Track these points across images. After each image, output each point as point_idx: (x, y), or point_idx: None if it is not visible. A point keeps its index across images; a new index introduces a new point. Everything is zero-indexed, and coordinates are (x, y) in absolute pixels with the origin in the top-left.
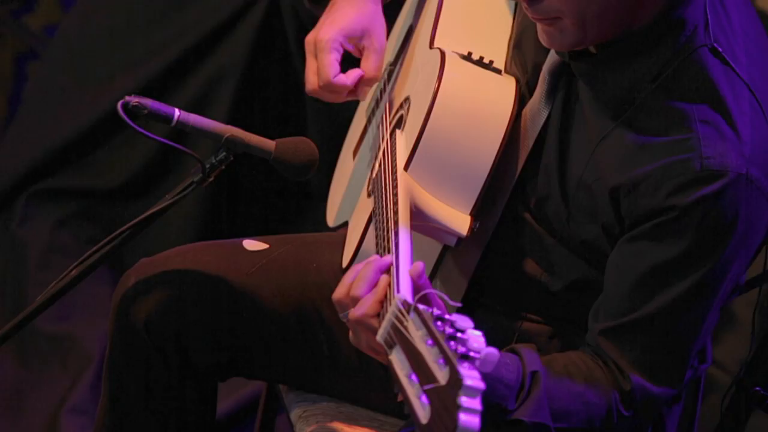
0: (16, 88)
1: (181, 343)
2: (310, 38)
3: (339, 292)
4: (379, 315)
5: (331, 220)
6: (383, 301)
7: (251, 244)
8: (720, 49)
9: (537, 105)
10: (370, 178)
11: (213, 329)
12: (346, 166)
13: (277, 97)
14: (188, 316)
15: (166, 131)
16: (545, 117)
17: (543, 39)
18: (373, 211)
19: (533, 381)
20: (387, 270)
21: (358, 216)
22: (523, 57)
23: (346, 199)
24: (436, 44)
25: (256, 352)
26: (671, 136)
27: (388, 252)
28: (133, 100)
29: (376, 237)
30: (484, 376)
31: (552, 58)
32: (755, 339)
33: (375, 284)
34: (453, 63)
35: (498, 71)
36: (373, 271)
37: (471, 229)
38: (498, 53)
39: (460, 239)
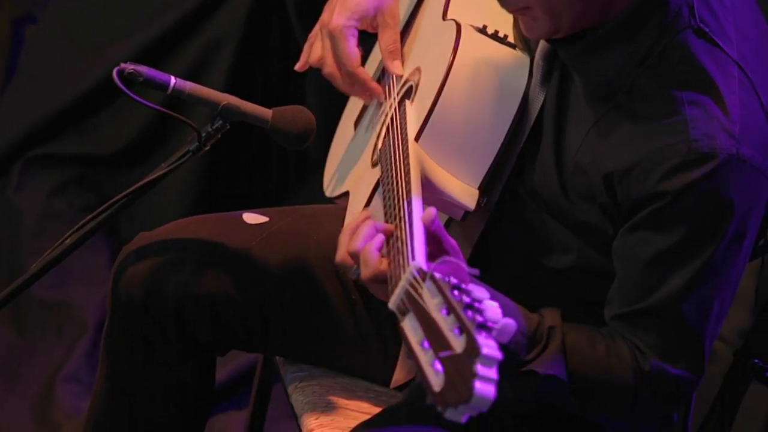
0: (13, 52)
1: (181, 316)
2: (325, 20)
3: (339, 254)
4: (388, 258)
5: (329, 190)
6: (381, 248)
7: (251, 218)
8: (707, 30)
9: (534, 90)
10: (374, 148)
11: (212, 303)
12: (345, 136)
13: (274, 65)
14: (188, 290)
15: (162, 99)
16: (541, 101)
17: (522, 29)
18: (380, 180)
19: (551, 336)
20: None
21: (361, 186)
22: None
23: (345, 169)
24: (449, 16)
25: (256, 326)
26: (660, 121)
27: (400, 221)
28: (129, 67)
29: (385, 207)
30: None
31: (543, 43)
32: (757, 311)
33: (371, 237)
34: (469, 35)
35: (513, 46)
36: (369, 227)
37: (479, 203)
38: (511, 29)
39: (467, 213)
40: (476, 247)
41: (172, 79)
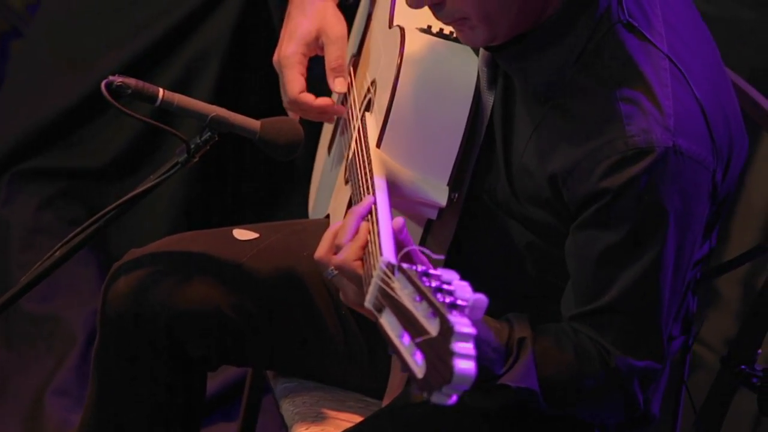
0: None
1: (171, 333)
2: (275, 58)
3: (320, 250)
4: (362, 259)
5: (312, 215)
6: (365, 246)
7: (241, 234)
8: (636, 24)
9: (483, 93)
10: (345, 167)
11: (203, 319)
12: (321, 161)
13: (262, 76)
14: (178, 306)
15: (151, 111)
16: (491, 105)
17: (460, 38)
18: (351, 195)
19: (521, 347)
20: (367, 214)
21: (338, 205)
22: None
23: (324, 193)
24: (395, 23)
25: (247, 341)
26: (596, 119)
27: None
28: (117, 79)
29: None
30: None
31: (483, 50)
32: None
33: (357, 231)
34: (413, 37)
35: (459, 41)
36: (355, 219)
37: (450, 199)
38: None
39: (441, 211)
40: (450, 253)
41: (161, 91)
